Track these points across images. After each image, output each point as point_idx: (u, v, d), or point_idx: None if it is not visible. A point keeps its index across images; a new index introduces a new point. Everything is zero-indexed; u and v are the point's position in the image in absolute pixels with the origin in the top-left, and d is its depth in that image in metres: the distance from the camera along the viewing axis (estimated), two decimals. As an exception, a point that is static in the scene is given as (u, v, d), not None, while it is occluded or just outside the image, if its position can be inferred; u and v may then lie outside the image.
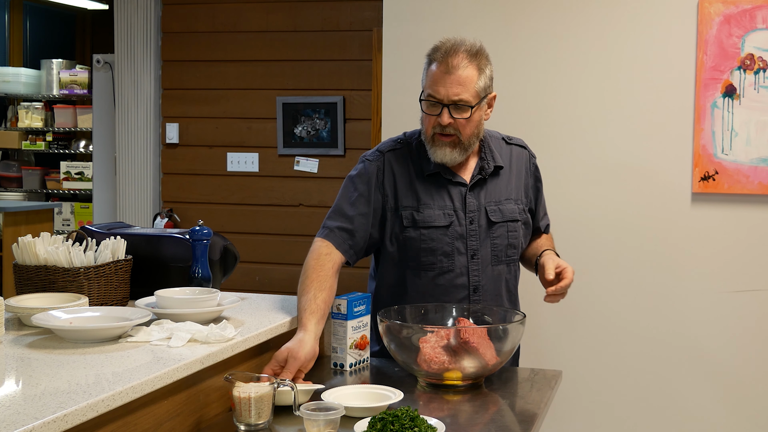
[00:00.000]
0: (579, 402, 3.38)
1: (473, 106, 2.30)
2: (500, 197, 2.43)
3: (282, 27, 5.29)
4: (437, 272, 2.39)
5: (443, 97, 2.28)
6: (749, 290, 3.26)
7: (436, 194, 2.39)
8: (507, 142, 2.52)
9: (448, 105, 2.28)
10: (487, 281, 2.40)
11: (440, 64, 2.29)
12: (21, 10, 7.38)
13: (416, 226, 2.37)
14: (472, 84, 2.29)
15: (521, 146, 2.55)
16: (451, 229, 2.37)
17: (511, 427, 1.96)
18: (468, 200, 2.39)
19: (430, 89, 2.30)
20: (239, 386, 1.83)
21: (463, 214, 2.39)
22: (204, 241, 2.38)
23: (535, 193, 2.54)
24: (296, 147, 5.28)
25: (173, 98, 5.48)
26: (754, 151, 3.22)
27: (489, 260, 2.40)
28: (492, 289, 2.42)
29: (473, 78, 2.29)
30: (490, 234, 2.40)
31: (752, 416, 3.28)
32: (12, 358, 1.81)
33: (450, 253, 2.38)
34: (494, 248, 2.41)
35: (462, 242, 2.38)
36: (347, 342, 2.29)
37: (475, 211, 2.39)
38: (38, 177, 6.97)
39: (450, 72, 2.27)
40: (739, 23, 3.20)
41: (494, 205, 2.41)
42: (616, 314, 3.36)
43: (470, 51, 2.30)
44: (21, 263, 2.26)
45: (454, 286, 2.39)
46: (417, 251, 2.38)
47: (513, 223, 2.43)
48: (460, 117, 2.30)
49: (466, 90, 2.28)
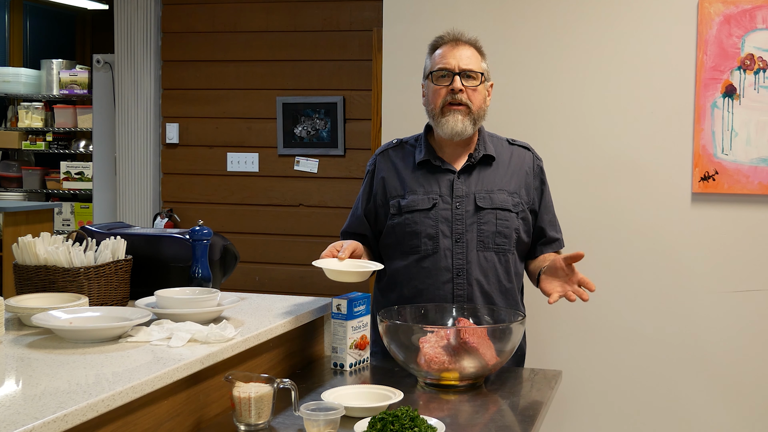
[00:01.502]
0: (579, 402, 3.38)
1: (480, 78, 2.45)
2: (492, 187, 2.48)
3: (282, 27, 5.29)
4: (422, 255, 2.45)
5: (454, 66, 2.43)
6: (749, 290, 3.26)
7: (424, 181, 2.48)
8: (510, 143, 2.58)
9: (459, 73, 2.42)
10: (472, 266, 2.43)
11: (447, 43, 2.47)
12: (21, 10, 7.37)
13: (401, 212, 2.47)
14: (477, 60, 2.47)
15: (525, 147, 2.59)
16: (434, 211, 2.44)
17: (511, 427, 1.96)
18: (456, 186, 2.46)
19: (440, 63, 2.45)
20: (239, 386, 1.83)
21: (449, 199, 2.45)
22: (204, 241, 2.38)
23: (538, 195, 2.56)
24: (296, 147, 5.28)
25: (173, 98, 5.48)
26: (754, 151, 3.22)
27: (475, 245, 2.44)
28: (477, 276, 2.43)
29: (478, 56, 2.48)
30: (478, 219, 2.44)
31: (752, 416, 3.28)
32: (12, 358, 1.81)
33: (434, 235, 2.44)
34: (481, 234, 2.44)
35: (447, 225, 2.44)
36: (347, 342, 2.29)
37: (463, 196, 2.46)
38: (38, 177, 6.97)
39: (458, 47, 2.46)
40: (739, 23, 3.20)
41: (485, 193, 2.47)
42: (616, 314, 3.36)
43: (471, 39, 2.51)
44: (21, 263, 2.27)
45: (437, 269, 2.43)
46: (402, 236, 2.47)
47: (504, 211, 2.46)
48: (470, 85, 2.42)
49: (474, 62, 2.45)
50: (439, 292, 2.43)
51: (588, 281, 2.32)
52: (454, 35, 2.49)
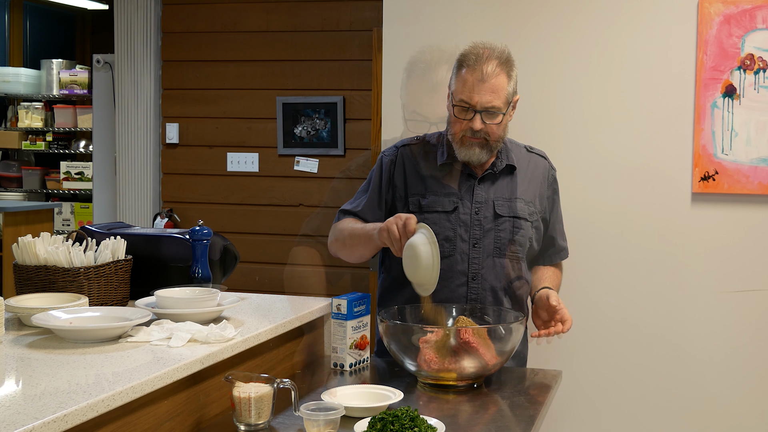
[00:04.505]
0: (579, 402, 3.38)
1: (504, 113, 2.36)
2: (511, 195, 2.48)
3: (282, 27, 5.29)
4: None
5: (476, 104, 2.34)
6: (749, 290, 3.26)
7: (446, 183, 2.46)
8: (528, 150, 2.59)
9: (481, 111, 2.33)
10: (486, 271, 2.43)
11: (473, 70, 2.34)
12: (21, 10, 7.37)
13: (421, 210, 2.44)
14: (503, 91, 2.35)
15: (542, 156, 2.60)
16: (455, 215, 2.43)
17: (511, 427, 1.96)
18: (476, 191, 2.45)
19: (463, 95, 2.35)
20: (239, 386, 1.83)
21: (469, 203, 2.44)
22: (204, 241, 2.38)
23: (550, 204, 2.58)
24: (296, 147, 5.28)
25: (173, 98, 5.48)
26: (754, 151, 3.22)
27: (491, 251, 2.44)
28: (491, 281, 2.44)
29: (504, 85, 2.35)
30: (495, 226, 2.44)
31: (752, 416, 3.28)
32: (12, 358, 1.81)
33: (452, 238, 2.42)
34: (497, 240, 2.44)
35: (465, 230, 2.43)
36: (347, 342, 2.29)
37: (482, 202, 2.45)
38: (38, 177, 6.97)
39: (484, 80, 2.32)
40: (739, 23, 3.20)
41: (503, 201, 2.46)
42: (616, 314, 3.36)
43: (501, 58, 2.36)
44: (21, 263, 2.27)
45: (453, 272, 2.42)
46: None
47: (520, 220, 2.46)
48: (491, 122, 2.36)
49: (498, 97, 2.34)
50: (453, 295, 2.42)
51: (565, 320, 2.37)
52: (482, 55, 2.34)
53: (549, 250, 2.61)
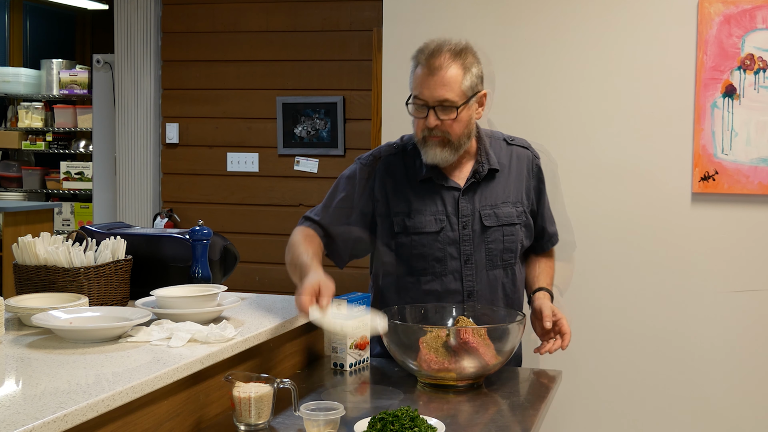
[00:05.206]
0: (579, 402, 3.38)
1: (459, 106, 2.27)
2: (496, 200, 2.40)
3: (282, 27, 5.29)
4: (430, 277, 2.38)
5: (428, 99, 2.26)
6: (749, 290, 3.26)
7: (428, 200, 2.37)
8: (508, 143, 2.49)
9: (434, 107, 2.26)
10: (482, 286, 2.39)
11: (423, 66, 2.27)
12: (21, 10, 7.38)
13: (407, 232, 2.36)
14: (456, 84, 2.26)
15: (523, 147, 2.51)
16: (443, 234, 2.36)
17: (511, 427, 1.96)
18: (461, 205, 2.37)
19: (416, 91, 2.28)
20: (239, 386, 1.83)
21: (455, 219, 2.37)
22: (204, 241, 2.38)
23: (537, 195, 2.50)
24: (296, 147, 5.28)
25: (173, 98, 5.48)
26: (754, 151, 3.22)
27: (484, 265, 2.39)
28: (487, 294, 2.40)
29: (457, 77, 2.26)
30: (485, 239, 2.38)
31: (752, 416, 3.28)
32: (12, 358, 1.81)
33: (442, 258, 2.36)
34: (489, 253, 2.39)
35: (455, 247, 2.37)
36: (347, 342, 2.29)
37: (469, 215, 2.37)
38: (38, 177, 6.97)
39: (433, 73, 2.24)
40: (739, 23, 3.20)
41: (489, 209, 2.39)
42: (616, 314, 3.36)
43: (454, 50, 2.27)
44: (21, 263, 2.27)
45: (447, 291, 2.37)
46: (409, 257, 2.38)
47: (509, 227, 2.40)
48: (446, 118, 2.27)
49: (451, 90, 2.25)
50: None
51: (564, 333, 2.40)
52: (434, 50, 2.26)
53: (541, 240, 2.55)
